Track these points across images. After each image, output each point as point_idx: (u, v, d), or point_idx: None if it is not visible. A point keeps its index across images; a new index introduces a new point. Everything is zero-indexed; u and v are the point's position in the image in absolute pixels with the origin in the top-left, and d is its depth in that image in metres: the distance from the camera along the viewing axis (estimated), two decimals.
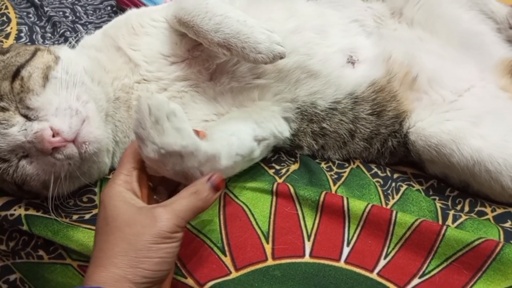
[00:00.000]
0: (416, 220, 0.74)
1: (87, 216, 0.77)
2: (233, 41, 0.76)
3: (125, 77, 0.85)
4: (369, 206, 0.76)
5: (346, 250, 0.74)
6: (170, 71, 0.85)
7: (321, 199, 0.78)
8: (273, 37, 0.76)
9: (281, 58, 0.77)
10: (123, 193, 0.65)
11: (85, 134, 0.72)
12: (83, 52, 0.87)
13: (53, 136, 0.69)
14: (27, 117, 0.71)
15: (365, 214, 0.76)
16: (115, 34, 0.87)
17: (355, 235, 0.75)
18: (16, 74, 0.74)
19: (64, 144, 0.70)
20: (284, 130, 0.87)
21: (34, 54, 0.78)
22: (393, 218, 0.75)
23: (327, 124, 0.90)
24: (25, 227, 0.75)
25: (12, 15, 1.15)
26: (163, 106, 0.64)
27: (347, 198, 0.77)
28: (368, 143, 0.92)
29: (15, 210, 0.76)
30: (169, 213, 0.62)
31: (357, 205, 0.77)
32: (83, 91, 0.76)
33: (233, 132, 0.77)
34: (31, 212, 0.76)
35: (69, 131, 0.70)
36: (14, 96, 0.72)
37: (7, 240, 0.78)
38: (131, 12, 0.92)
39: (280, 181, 0.85)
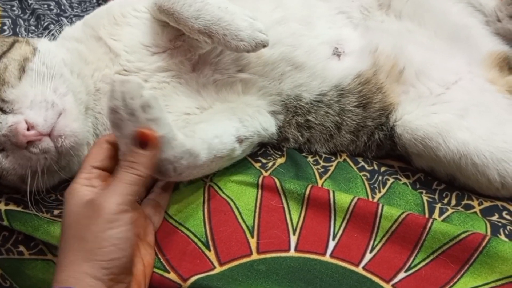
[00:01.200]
0: (403, 213, 0.73)
1: None
2: (214, 28, 0.74)
3: (105, 67, 0.83)
4: (355, 199, 0.75)
5: (331, 244, 0.73)
6: (151, 62, 0.84)
7: (307, 192, 0.77)
8: (256, 24, 0.75)
9: (264, 46, 0.76)
10: (77, 189, 0.64)
11: (61, 127, 0.70)
12: (63, 44, 0.85)
13: (28, 129, 0.68)
14: (2, 110, 0.70)
15: (351, 207, 0.75)
16: (96, 24, 0.86)
17: (341, 229, 0.75)
18: None
19: (39, 138, 0.68)
20: (270, 126, 0.86)
21: (11, 46, 0.77)
22: (379, 211, 0.74)
23: (313, 117, 0.89)
24: (5, 223, 0.73)
25: None
26: (137, 95, 0.62)
27: (333, 191, 0.76)
28: (354, 136, 0.91)
29: None
30: (108, 195, 0.61)
31: (343, 198, 0.76)
32: (61, 83, 0.75)
33: (216, 135, 0.76)
34: (11, 207, 0.74)
35: (44, 124, 0.69)
36: None
37: None
38: (113, 2, 0.90)
39: (266, 174, 0.84)
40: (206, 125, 0.77)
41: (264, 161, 0.88)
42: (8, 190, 0.76)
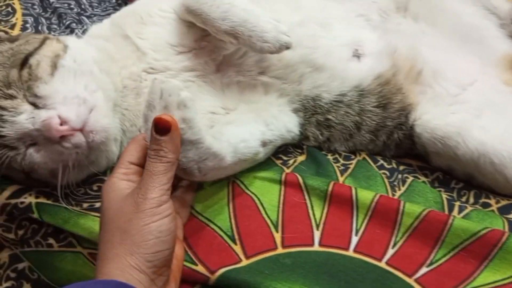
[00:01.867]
0: (424, 210, 0.75)
1: (97, 205, 0.77)
2: (240, 29, 0.76)
3: (132, 65, 0.85)
4: (377, 196, 0.77)
5: (354, 239, 0.75)
6: (177, 61, 0.85)
7: (329, 189, 0.78)
8: (280, 26, 0.77)
9: (287, 48, 0.77)
10: (117, 184, 0.66)
11: (92, 123, 0.72)
12: (91, 42, 0.87)
13: (61, 124, 0.69)
14: (35, 105, 0.71)
15: (373, 204, 0.76)
16: (123, 23, 0.88)
17: (363, 225, 0.76)
18: (24, 62, 0.74)
19: (72, 133, 0.70)
20: (293, 127, 0.88)
21: (43, 43, 0.78)
22: (401, 207, 0.75)
23: (333, 116, 0.91)
24: (35, 215, 0.75)
25: (17, 5, 1.14)
26: (175, 93, 0.65)
27: (355, 188, 0.78)
28: (374, 135, 0.92)
29: (25, 198, 0.76)
30: (143, 190, 0.63)
31: (365, 195, 0.77)
32: (91, 80, 0.76)
33: (243, 138, 0.78)
34: (42, 200, 0.76)
35: (76, 119, 0.70)
36: (22, 84, 0.72)
37: (16, 228, 0.78)
38: (140, 2, 0.93)
39: (288, 171, 0.85)
40: (233, 128, 0.79)
41: (285, 158, 0.89)
42: (37, 184, 0.77)
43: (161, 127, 0.64)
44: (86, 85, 0.75)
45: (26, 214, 0.76)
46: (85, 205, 0.77)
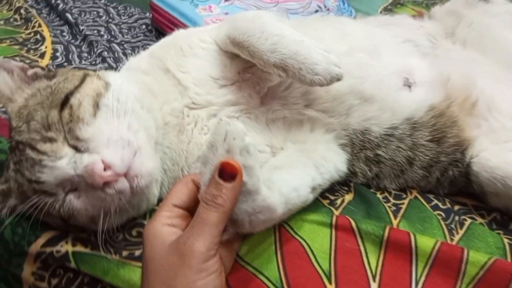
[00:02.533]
0: (489, 259, 0.69)
1: (137, 253, 0.72)
2: (290, 62, 0.72)
3: (174, 100, 0.80)
4: (438, 243, 0.71)
5: None
6: (220, 95, 0.81)
7: (385, 234, 0.73)
8: (330, 58, 0.72)
9: (338, 80, 0.72)
10: (159, 229, 0.63)
11: (137, 167, 0.67)
12: (130, 76, 0.83)
13: (104, 169, 0.64)
14: (77, 149, 0.67)
15: (434, 252, 0.71)
16: (163, 55, 0.83)
17: (424, 275, 0.70)
18: (65, 102, 0.69)
19: (116, 179, 0.65)
20: (342, 165, 0.82)
21: (83, 80, 0.74)
22: (465, 256, 0.70)
23: (383, 151, 0.85)
24: (72, 265, 0.70)
25: (46, 33, 1.11)
26: (240, 137, 0.61)
27: (414, 234, 0.72)
28: (427, 172, 0.86)
29: (61, 246, 0.71)
30: (194, 240, 0.59)
31: (425, 242, 0.71)
32: (134, 119, 0.72)
33: (294, 187, 0.72)
34: (79, 248, 0.71)
35: (121, 164, 0.66)
36: (63, 125, 0.67)
37: (50, 277, 0.73)
38: (178, 33, 0.88)
39: (337, 213, 0.80)
40: (283, 174, 0.73)
41: (332, 197, 0.84)
42: (74, 229, 0.73)
43: (228, 173, 0.60)
44: (130, 125, 0.70)
45: (63, 263, 0.71)
46: (125, 253, 0.72)
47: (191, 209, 0.67)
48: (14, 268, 0.74)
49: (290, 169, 0.75)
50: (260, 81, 0.81)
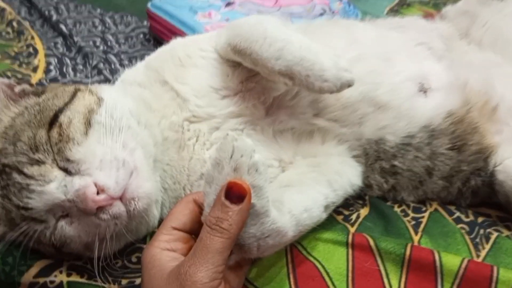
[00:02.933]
0: None
1: (137, 281, 0.66)
2: (297, 68, 0.66)
3: (172, 114, 0.75)
4: (465, 261, 0.66)
5: None
6: (222, 106, 0.75)
7: (407, 253, 0.67)
8: (340, 63, 0.67)
9: (349, 86, 0.67)
10: (158, 256, 0.58)
11: (134, 189, 0.62)
12: (125, 89, 0.77)
13: (98, 193, 0.59)
14: (67, 171, 0.61)
15: (461, 271, 0.65)
16: (160, 66, 0.78)
17: None
18: (53, 120, 0.64)
19: (110, 203, 0.60)
20: (357, 179, 0.77)
21: (73, 96, 0.69)
22: (495, 275, 0.65)
23: (400, 162, 0.79)
24: None
25: (39, 46, 1.07)
26: (248, 154, 0.56)
27: (438, 252, 0.67)
28: (447, 182, 0.80)
29: (55, 276, 0.66)
30: (196, 269, 0.53)
31: (451, 261, 0.66)
32: (130, 137, 0.66)
33: (306, 207, 0.66)
34: (74, 278, 0.66)
35: (115, 187, 0.60)
36: (52, 146, 0.62)
37: None
38: (176, 42, 0.83)
39: (353, 230, 0.74)
40: (294, 195, 0.68)
41: (346, 212, 0.78)
42: (69, 257, 0.67)
43: (235, 194, 0.55)
44: (125, 143, 0.65)
45: None
46: (124, 282, 0.66)
47: (193, 231, 0.62)
48: None
49: (301, 187, 0.70)
50: (265, 90, 0.76)
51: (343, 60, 0.68)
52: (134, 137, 0.67)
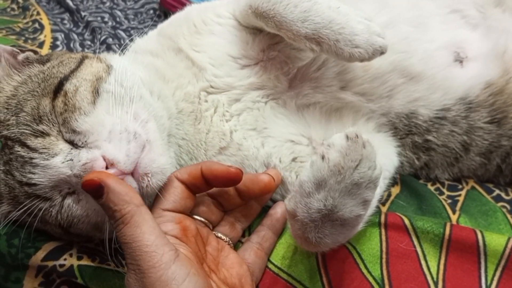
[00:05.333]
0: None
1: None
2: (325, 32, 0.60)
3: (188, 84, 0.69)
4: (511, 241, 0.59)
5: None
6: (242, 76, 0.70)
7: (447, 232, 0.61)
8: (372, 27, 0.61)
9: (382, 53, 0.61)
10: None
11: (147, 163, 0.56)
12: (136, 59, 0.72)
13: (107, 167, 0.54)
14: (73, 144, 0.56)
15: (507, 251, 0.59)
16: (174, 33, 0.72)
17: (495, 279, 0.60)
18: (58, 89, 0.58)
19: (121, 178, 0.54)
20: (397, 160, 0.72)
21: (80, 63, 0.63)
22: None
23: (434, 137, 0.73)
24: (79, 280, 0.60)
25: (45, 21, 1.01)
26: (373, 166, 0.51)
27: (481, 232, 0.61)
28: (486, 159, 0.75)
29: (65, 259, 0.61)
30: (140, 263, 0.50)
31: (496, 240, 0.60)
32: (142, 107, 0.61)
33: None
34: (85, 262, 0.61)
35: (126, 160, 0.54)
36: (57, 117, 0.56)
37: None
38: (191, 8, 0.77)
39: (384, 209, 0.68)
40: None
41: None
42: (78, 239, 0.62)
43: (94, 188, 0.52)
44: (136, 114, 0.59)
45: (67, 279, 0.60)
46: None
47: (185, 208, 0.59)
48: (13, 284, 0.63)
49: None
50: (288, 60, 0.70)
51: (375, 24, 0.61)
52: (146, 107, 0.61)
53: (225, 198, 0.63)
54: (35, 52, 0.68)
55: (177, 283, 0.48)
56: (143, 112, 0.60)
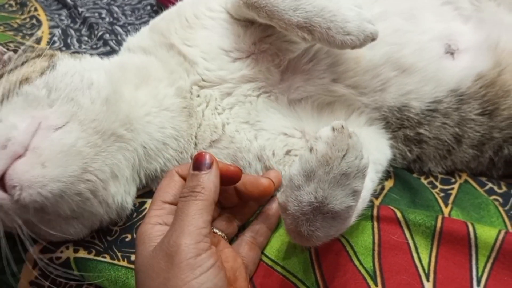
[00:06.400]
0: None
1: None
2: (316, 20, 0.61)
3: (179, 79, 0.70)
4: (502, 233, 0.60)
5: None
6: (234, 69, 0.70)
7: (438, 225, 0.62)
8: (363, 14, 0.62)
9: (373, 39, 0.62)
10: (149, 230, 0.55)
11: (15, 174, 0.52)
12: (122, 57, 0.73)
13: None
14: None
15: (498, 243, 0.60)
16: (166, 28, 0.73)
17: (486, 271, 0.59)
18: None
19: None
20: (390, 153, 0.73)
21: (26, 61, 0.63)
22: None
23: (425, 129, 0.74)
24: (75, 272, 0.61)
25: (42, 17, 1.02)
26: (360, 155, 0.52)
27: (473, 224, 0.61)
28: (478, 151, 0.75)
29: (61, 252, 0.62)
30: (176, 236, 0.51)
31: (487, 233, 0.61)
32: (60, 112, 0.57)
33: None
34: (81, 254, 0.62)
35: None
36: None
37: (50, 287, 0.63)
38: (183, 3, 0.77)
39: (377, 202, 0.69)
40: None
41: None
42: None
43: (201, 163, 0.56)
44: (47, 118, 0.56)
45: (64, 271, 0.61)
46: (134, 257, 0.62)
47: None
48: (9, 278, 0.64)
49: None
50: (280, 52, 0.71)
51: (365, 11, 0.62)
52: (72, 111, 0.57)
53: (223, 196, 0.63)
54: (31, 47, 0.68)
55: (202, 270, 0.50)
56: (62, 116, 0.57)
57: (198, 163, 0.56)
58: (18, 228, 0.55)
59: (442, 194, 0.72)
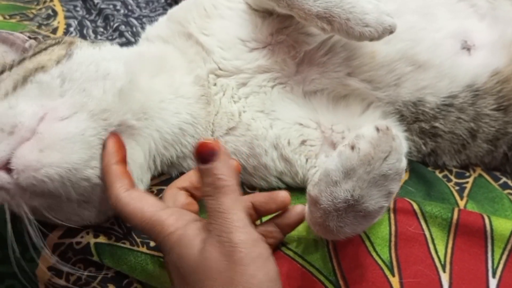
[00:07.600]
0: None
1: None
2: (336, 11, 0.61)
3: (197, 68, 0.71)
4: None
5: (492, 283, 0.59)
6: (250, 59, 0.71)
7: (455, 217, 0.62)
8: (381, 6, 0.62)
9: (391, 32, 0.62)
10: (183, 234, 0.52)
11: (18, 158, 0.53)
12: (140, 47, 0.74)
13: None
14: None
15: None
16: (184, 18, 0.74)
17: (501, 263, 0.60)
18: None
19: None
20: (406, 147, 0.72)
21: (46, 49, 0.63)
22: None
23: (441, 123, 0.74)
24: (95, 258, 0.61)
25: (58, 8, 1.03)
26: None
27: (489, 217, 0.62)
28: (493, 146, 0.76)
29: (82, 237, 0.62)
30: (227, 235, 0.49)
31: (502, 225, 0.61)
32: (71, 102, 0.57)
33: None
34: (101, 239, 0.62)
35: None
36: None
37: (68, 272, 0.64)
38: None
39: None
40: None
41: None
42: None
43: (207, 153, 0.51)
44: (55, 108, 0.56)
45: (83, 256, 0.62)
46: (153, 243, 0.62)
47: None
48: (27, 263, 0.65)
49: None
50: (296, 44, 0.71)
51: (382, 4, 0.63)
52: (82, 102, 0.57)
53: None
54: (47, 37, 0.69)
55: (263, 259, 0.49)
56: (71, 107, 0.57)
57: (204, 155, 0.51)
58: (24, 214, 0.55)
59: (457, 187, 0.72)
